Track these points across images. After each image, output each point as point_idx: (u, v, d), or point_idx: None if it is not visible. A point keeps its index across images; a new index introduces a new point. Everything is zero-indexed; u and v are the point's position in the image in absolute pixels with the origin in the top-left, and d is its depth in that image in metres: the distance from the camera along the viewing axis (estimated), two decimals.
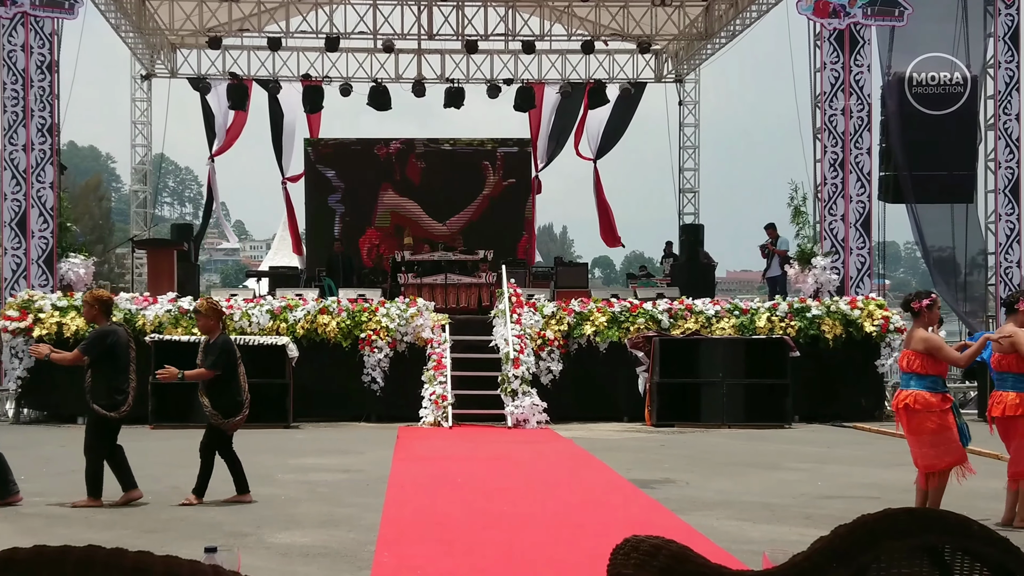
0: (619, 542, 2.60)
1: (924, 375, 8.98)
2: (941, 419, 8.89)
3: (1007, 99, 21.51)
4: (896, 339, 18.73)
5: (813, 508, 9.79)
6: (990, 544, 2.46)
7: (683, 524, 8.86)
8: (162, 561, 2.15)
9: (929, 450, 8.93)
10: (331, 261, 25.87)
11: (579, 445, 15.00)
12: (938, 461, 8.90)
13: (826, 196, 20.65)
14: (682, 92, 29.98)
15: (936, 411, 8.89)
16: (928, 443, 8.93)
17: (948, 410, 8.96)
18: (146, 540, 8.18)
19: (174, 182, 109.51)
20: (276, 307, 18.55)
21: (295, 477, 11.73)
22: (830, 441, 16.00)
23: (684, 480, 11.65)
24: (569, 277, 23.39)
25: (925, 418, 8.92)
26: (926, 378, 8.97)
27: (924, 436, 8.95)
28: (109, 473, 10.09)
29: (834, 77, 20.68)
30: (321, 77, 28.34)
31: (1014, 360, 9.08)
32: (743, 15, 25.87)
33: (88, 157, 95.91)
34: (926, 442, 8.94)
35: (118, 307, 18.11)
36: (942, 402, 8.94)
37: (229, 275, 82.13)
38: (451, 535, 8.54)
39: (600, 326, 18.62)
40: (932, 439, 8.89)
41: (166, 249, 21.48)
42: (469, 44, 26.95)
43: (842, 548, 2.43)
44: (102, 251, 42.82)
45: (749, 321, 18.72)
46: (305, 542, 8.25)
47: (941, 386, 9.03)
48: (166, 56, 28.52)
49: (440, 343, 18.47)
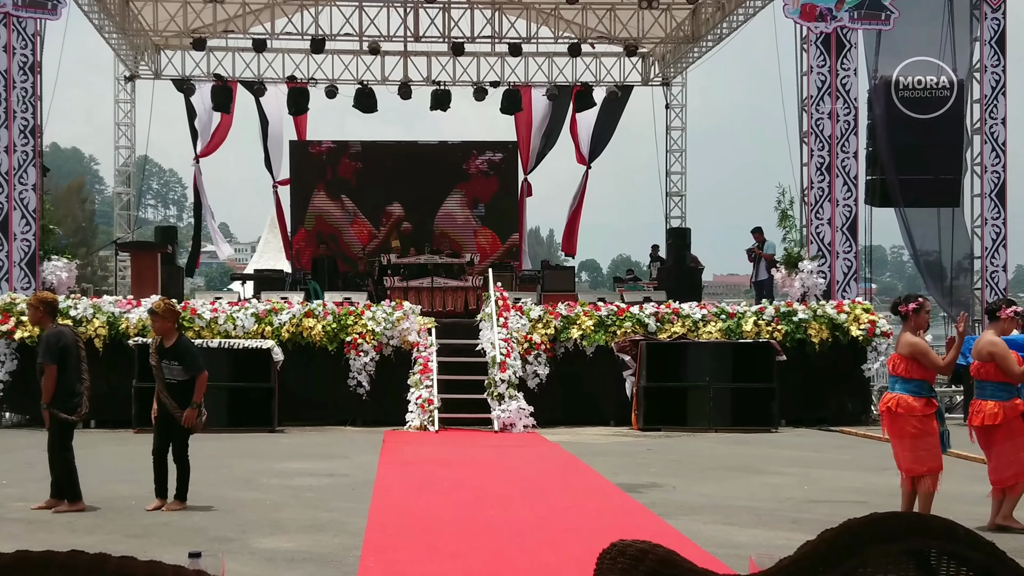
0: (606, 547, 2.61)
1: (909, 379, 8.98)
2: (923, 424, 8.88)
3: (993, 103, 21.61)
4: (883, 343, 18.80)
5: (799, 512, 9.81)
6: (976, 548, 2.47)
7: (670, 528, 8.87)
8: (146, 566, 2.15)
9: (909, 453, 8.95)
10: (316, 264, 25.85)
11: (566, 449, 15.00)
12: (917, 465, 8.91)
13: (813, 200, 20.69)
14: (669, 95, 30.00)
15: (918, 415, 8.89)
16: (908, 447, 8.94)
17: (931, 416, 8.94)
18: (129, 545, 8.15)
19: (158, 184, 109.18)
20: (261, 310, 18.52)
21: (280, 482, 11.70)
22: (816, 445, 16.05)
23: (671, 484, 11.67)
24: (556, 280, 23.40)
25: (906, 422, 8.92)
26: (910, 382, 8.97)
27: (905, 440, 8.96)
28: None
29: (820, 81, 20.73)
30: (306, 79, 28.30)
31: (992, 369, 9.13)
32: (730, 18, 25.91)
33: (71, 159, 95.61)
34: (907, 446, 8.95)
35: (101, 310, 18.08)
36: (925, 407, 8.93)
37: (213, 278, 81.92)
38: (437, 540, 8.53)
39: (587, 330, 18.63)
40: (912, 443, 8.90)
41: (150, 252, 21.41)
42: (455, 46, 26.95)
43: (828, 552, 2.44)
44: (85, 254, 42.71)
45: (736, 325, 18.76)
46: (290, 547, 8.23)
47: (926, 391, 9.01)
48: (150, 57, 28.44)
49: (426, 347, 18.46)
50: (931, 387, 9.11)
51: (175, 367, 10.07)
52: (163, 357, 10.09)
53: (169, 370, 10.05)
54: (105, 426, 17.71)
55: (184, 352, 10.16)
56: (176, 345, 10.15)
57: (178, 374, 10.06)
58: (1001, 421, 9.04)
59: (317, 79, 28.42)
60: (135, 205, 30.28)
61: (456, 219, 28.80)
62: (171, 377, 10.04)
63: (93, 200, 70.42)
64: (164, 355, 10.09)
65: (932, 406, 8.99)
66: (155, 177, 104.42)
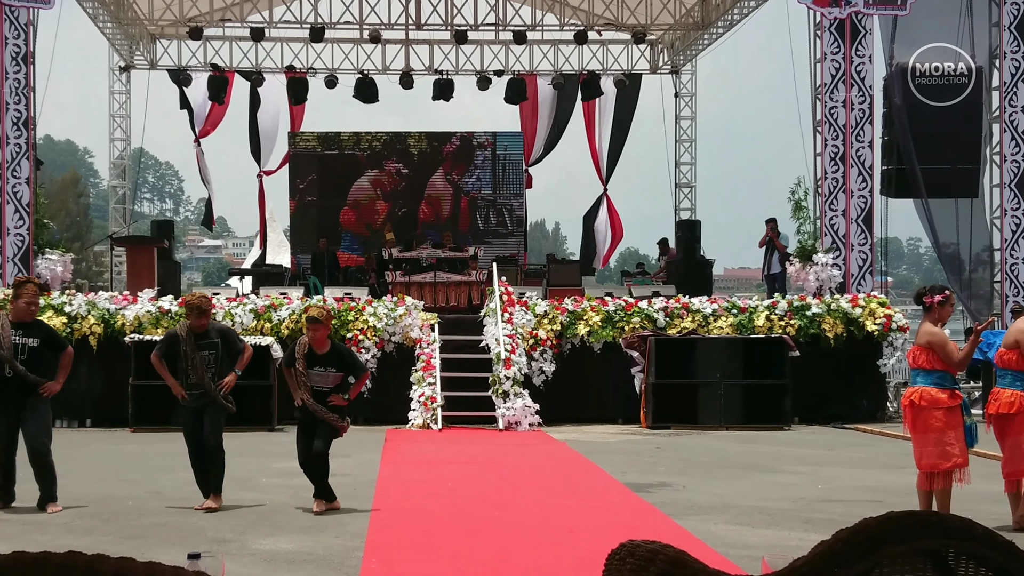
0: (614, 547, 2.61)
1: (931, 370, 8.88)
2: (948, 417, 8.78)
3: (1013, 90, 21.50)
4: (899, 338, 18.77)
5: (813, 512, 9.81)
6: (994, 548, 2.47)
7: (679, 529, 8.88)
8: (145, 568, 2.16)
9: (933, 448, 8.81)
10: (315, 258, 25.87)
11: (572, 448, 15.01)
12: (942, 461, 8.79)
13: (827, 191, 20.66)
14: (678, 84, 29.96)
15: (943, 408, 8.78)
16: (932, 441, 8.81)
17: (957, 408, 8.84)
18: (127, 546, 8.17)
19: (154, 177, 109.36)
20: (260, 306, 18.53)
21: (280, 481, 11.71)
22: (830, 443, 16.03)
23: (680, 483, 11.67)
24: (562, 275, 23.38)
25: (930, 415, 8.80)
26: (933, 373, 8.87)
27: (930, 434, 8.83)
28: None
29: (835, 68, 20.69)
30: (305, 69, 28.32)
31: (1016, 357, 9.07)
32: (741, 4, 25.88)
33: (65, 152, 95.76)
34: (931, 440, 8.82)
35: (96, 306, 18.10)
36: (951, 399, 8.83)
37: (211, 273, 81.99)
38: (441, 541, 8.54)
39: (594, 325, 18.62)
40: (938, 437, 8.77)
41: (146, 246, 21.44)
42: (458, 34, 26.94)
43: (843, 553, 2.45)
44: (80, 248, 42.75)
45: (747, 320, 18.74)
46: (290, 548, 8.25)
47: (950, 382, 8.90)
48: (145, 47, 28.46)
49: (429, 343, 18.47)
50: (954, 379, 9.00)
51: (331, 373, 9.98)
52: (315, 364, 9.95)
53: (323, 377, 9.95)
54: (101, 425, 17.75)
55: (348, 357, 10.22)
56: (334, 351, 10.08)
57: (331, 381, 10.00)
58: (1016, 411, 8.98)
59: (316, 68, 28.44)
60: (131, 199, 30.31)
61: (455, 210, 28.86)
62: (322, 385, 9.96)
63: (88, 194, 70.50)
64: (316, 362, 9.95)
65: (957, 398, 8.88)
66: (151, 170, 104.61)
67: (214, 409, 10.19)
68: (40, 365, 10.07)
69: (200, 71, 27.91)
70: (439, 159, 28.84)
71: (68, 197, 59.92)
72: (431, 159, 28.84)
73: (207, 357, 10.21)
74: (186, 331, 10.30)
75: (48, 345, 10.20)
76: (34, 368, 9.97)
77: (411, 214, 28.56)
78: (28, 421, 10.00)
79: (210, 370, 10.20)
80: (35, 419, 10.01)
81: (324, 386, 9.96)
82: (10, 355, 9.88)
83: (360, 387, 10.51)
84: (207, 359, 10.20)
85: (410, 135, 29.46)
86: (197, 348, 10.19)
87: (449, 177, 28.86)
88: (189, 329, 10.29)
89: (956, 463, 8.82)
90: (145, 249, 21.19)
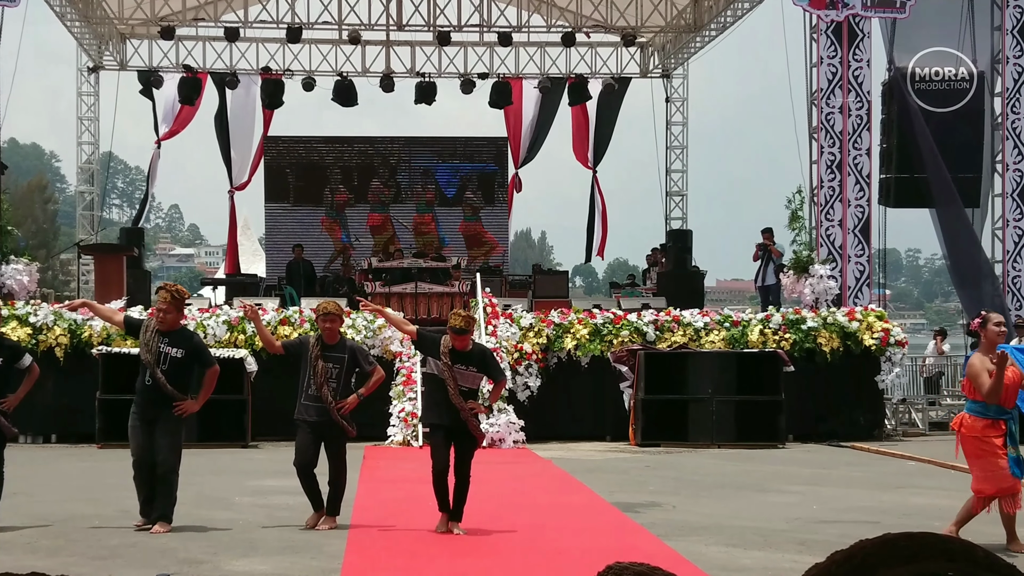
0: (601, 569, 2.62)
1: (972, 399, 9.41)
2: (984, 444, 9.23)
3: (1016, 96, 21.56)
4: (897, 353, 18.83)
5: (808, 533, 9.83)
6: (995, 571, 2.48)
7: (669, 550, 8.88)
8: None
9: (978, 472, 9.35)
10: (290, 268, 25.81)
11: (559, 466, 15.01)
12: (987, 485, 9.25)
13: (823, 200, 20.69)
14: (669, 88, 30.03)
15: (978, 435, 9.24)
16: (976, 467, 9.37)
17: (995, 437, 9.23)
18: (94, 567, 8.12)
19: (123, 183, 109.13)
20: (233, 318, 18.49)
21: (253, 500, 11.69)
22: (826, 462, 16.06)
23: (671, 503, 11.68)
24: (548, 286, 23.40)
25: (966, 441, 9.38)
26: (974, 403, 9.38)
27: (971, 459, 9.42)
28: None
29: (831, 73, 20.76)
30: (282, 70, 28.29)
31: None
32: (734, 6, 25.96)
33: (30, 155, 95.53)
34: (975, 465, 9.38)
35: (63, 317, 18.03)
36: (987, 428, 9.23)
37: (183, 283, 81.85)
38: (420, 563, 8.54)
39: (582, 339, 18.63)
40: (979, 463, 9.31)
41: (114, 255, 21.37)
42: (441, 35, 26.96)
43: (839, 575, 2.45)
44: (46, 256, 42.64)
45: (740, 334, 18.77)
46: (264, 569, 8.23)
47: (994, 412, 9.29)
48: (115, 47, 28.40)
49: (410, 357, 18.45)
50: (999, 408, 9.27)
51: (472, 373, 10.00)
52: (457, 361, 9.93)
53: (464, 377, 9.94)
54: (67, 440, 17.67)
55: (489, 358, 10.23)
56: (476, 350, 10.12)
57: (473, 381, 10.05)
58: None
59: (293, 70, 28.40)
60: (99, 205, 30.24)
61: (439, 217, 28.91)
62: (465, 384, 9.97)
63: (55, 200, 70.32)
64: (459, 360, 9.94)
65: (998, 428, 9.24)
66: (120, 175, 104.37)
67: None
68: (181, 378, 10.04)
69: (172, 72, 27.86)
70: (421, 165, 28.88)
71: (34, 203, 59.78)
72: (412, 165, 28.88)
73: (330, 370, 10.17)
74: (315, 339, 10.35)
75: (194, 358, 10.16)
76: (174, 381, 9.92)
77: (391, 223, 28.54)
78: (159, 436, 9.92)
79: (331, 384, 10.20)
80: (166, 435, 9.93)
81: (466, 386, 9.99)
82: (153, 361, 9.84)
83: (496, 394, 10.61)
84: (330, 371, 10.17)
85: (391, 140, 29.48)
86: (322, 358, 10.15)
87: (429, 185, 28.91)
88: (318, 338, 10.34)
89: (999, 489, 9.16)
90: (114, 258, 21.11)
